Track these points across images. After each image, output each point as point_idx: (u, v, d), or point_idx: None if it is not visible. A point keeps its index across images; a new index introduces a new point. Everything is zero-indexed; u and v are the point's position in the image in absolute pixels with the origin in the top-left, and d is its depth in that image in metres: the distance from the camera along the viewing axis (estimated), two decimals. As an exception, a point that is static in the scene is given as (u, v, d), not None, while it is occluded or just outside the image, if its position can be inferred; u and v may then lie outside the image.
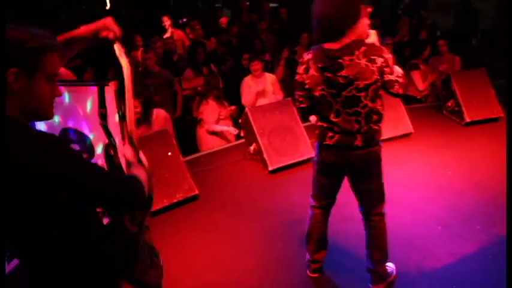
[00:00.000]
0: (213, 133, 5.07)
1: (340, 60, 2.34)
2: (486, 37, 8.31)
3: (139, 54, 6.33)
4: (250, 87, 5.32)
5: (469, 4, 8.61)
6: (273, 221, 3.58)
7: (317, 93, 2.47)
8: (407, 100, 5.79)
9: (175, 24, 8.20)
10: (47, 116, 1.32)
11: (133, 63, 5.95)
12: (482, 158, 4.35)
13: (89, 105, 3.02)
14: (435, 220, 3.47)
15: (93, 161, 2.52)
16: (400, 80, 2.40)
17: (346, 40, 2.33)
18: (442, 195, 3.86)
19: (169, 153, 3.87)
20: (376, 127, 2.49)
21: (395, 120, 4.94)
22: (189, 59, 6.47)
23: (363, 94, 2.38)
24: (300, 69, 2.51)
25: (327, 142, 2.54)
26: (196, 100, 5.42)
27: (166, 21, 7.51)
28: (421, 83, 5.92)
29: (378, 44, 2.45)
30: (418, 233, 3.31)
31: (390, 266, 2.87)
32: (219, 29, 8.08)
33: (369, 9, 2.52)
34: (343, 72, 2.35)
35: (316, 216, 2.83)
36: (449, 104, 5.36)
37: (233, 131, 5.03)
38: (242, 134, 4.90)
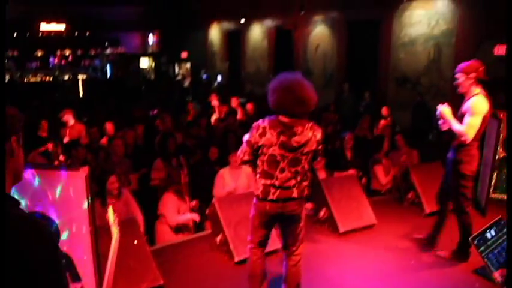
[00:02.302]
0: (178, 229, 4.99)
1: (294, 129, 3.07)
2: (441, 133, 8.81)
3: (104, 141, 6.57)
4: (224, 181, 5.40)
5: (424, 103, 9.24)
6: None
7: (269, 152, 3.10)
8: (371, 193, 6.00)
9: (145, 116, 8.46)
10: (22, 177, 1.52)
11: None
12: (444, 247, 4.46)
13: (58, 191, 3.05)
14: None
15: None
16: (322, 147, 3.27)
17: (299, 117, 3.09)
18: (407, 284, 3.89)
19: (136, 242, 3.84)
20: (305, 183, 3.21)
21: (358, 211, 5.07)
22: (159, 149, 6.61)
23: (304, 158, 3.11)
24: (255, 133, 3.14)
25: (271, 197, 3.14)
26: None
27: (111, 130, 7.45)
28: (383, 177, 6.17)
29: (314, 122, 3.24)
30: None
31: None
32: (189, 122, 8.35)
33: None
34: (296, 138, 3.06)
35: (257, 254, 3.37)
36: (410, 196, 5.58)
37: (196, 217, 5.02)
38: (208, 225, 4.92)
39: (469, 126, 3.88)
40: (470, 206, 4.17)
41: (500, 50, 7.75)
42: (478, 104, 3.91)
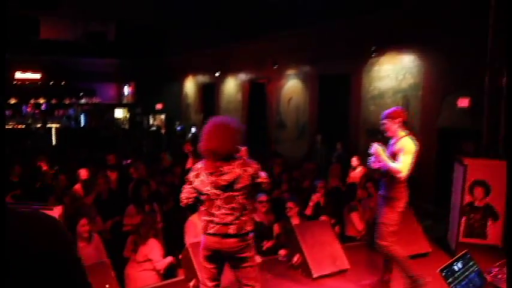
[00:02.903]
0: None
1: (221, 169, 3.25)
2: (410, 182, 9.06)
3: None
4: (196, 228, 5.37)
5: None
6: None
7: (204, 192, 3.29)
8: (345, 239, 6.04)
9: (119, 164, 8.44)
10: None
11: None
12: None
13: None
14: None
15: None
16: (266, 180, 3.43)
17: (227, 159, 3.27)
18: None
19: (107, 286, 3.77)
20: (244, 218, 3.32)
21: (331, 257, 5.09)
22: (132, 196, 6.57)
23: (238, 193, 3.27)
24: (192, 175, 3.39)
25: (209, 231, 3.30)
26: (130, 239, 5.35)
27: (112, 160, 7.72)
28: (359, 223, 6.24)
29: (246, 158, 3.44)
30: None
31: None
32: (164, 168, 8.34)
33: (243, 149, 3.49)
34: (224, 177, 3.24)
35: None
36: (382, 242, 5.63)
37: (173, 259, 5.00)
38: (181, 271, 4.86)
39: (404, 164, 4.13)
40: (394, 241, 4.33)
41: (462, 102, 8.14)
42: (409, 144, 4.20)
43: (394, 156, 4.23)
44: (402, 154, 4.15)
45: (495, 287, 4.35)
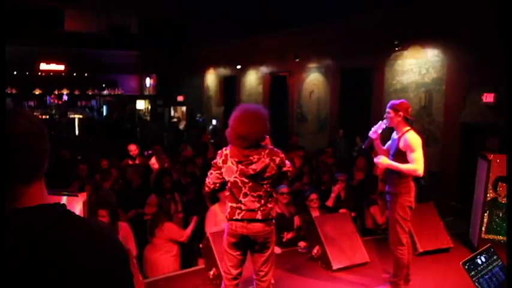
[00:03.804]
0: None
1: (250, 158, 3.23)
2: (433, 178, 8.99)
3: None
4: (216, 217, 5.42)
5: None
6: None
7: (231, 180, 3.28)
8: (365, 232, 6.02)
9: (141, 155, 8.53)
10: None
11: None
12: (436, 284, 4.47)
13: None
14: None
15: None
16: (291, 168, 3.46)
17: (256, 146, 3.26)
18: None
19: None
20: (270, 205, 3.35)
21: (351, 249, 5.09)
22: (154, 186, 6.64)
23: (265, 182, 3.27)
24: (219, 160, 3.35)
25: (236, 217, 3.30)
26: (148, 224, 5.45)
27: (135, 150, 7.82)
28: (379, 217, 6.20)
29: (273, 147, 3.40)
30: None
31: None
32: (185, 159, 8.40)
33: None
34: (253, 166, 3.23)
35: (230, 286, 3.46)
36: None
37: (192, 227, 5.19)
38: (201, 260, 4.92)
39: (417, 162, 4.06)
40: (407, 238, 4.30)
41: (488, 97, 8.00)
42: (414, 138, 4.13)
43: (399, 152, 4.17)
44: (411, 152, 4.07)
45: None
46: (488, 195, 5.52)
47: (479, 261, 3.35)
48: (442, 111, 9.04)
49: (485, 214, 5.55)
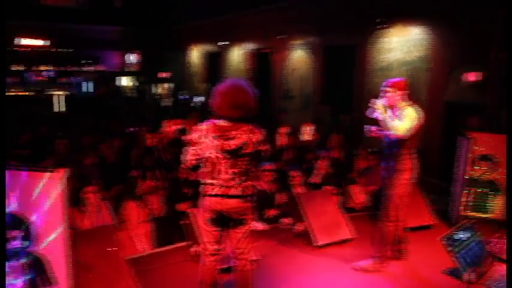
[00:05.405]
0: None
1: (228, 133, 3.22)
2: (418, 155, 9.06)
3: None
4: None
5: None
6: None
7: (208, 155, 3.24)
8: (347, 210, 6.06)
9: (123, 132, 8.45)
10: None
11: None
12: (419, 261, 4.53)
13: (36, 192, 3.02)
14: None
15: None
16: (268, 148, 3.51)
17: (236, 121, 3.24)
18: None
19: (111, 249, 3.81)
20: (247, 183, 3.32)
21: (335, 226, 5.13)
22: (136, 163, 6.59)
23: (241, 159, 3.25)
24: (195, 136, 3.30)
25: (210, 193, 3.29)
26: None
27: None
28: (358, 196, 6.25)
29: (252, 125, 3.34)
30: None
31: None
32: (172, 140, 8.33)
33: None
34: (230, 142, 3.21)
35: (209, 261, 3.44)
36: (384, 213, 5.65)
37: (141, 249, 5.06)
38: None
39: (402, 124, 4.05)
40: (399, 215, 4.37)
41: (470, 76, 8.02)
42: (411, 112, 4.14)
43: None
44: (403, 118, 4.09)
45: (494, 256, 4.39)
46: (468, 172, 5.59)
47: (456, 237, 3.42)
48: (426, 89, 9.07)
49: (464, 192, 5.63)
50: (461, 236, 3.60)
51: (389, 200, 4.31)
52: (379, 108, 4.23)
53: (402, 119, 4.08)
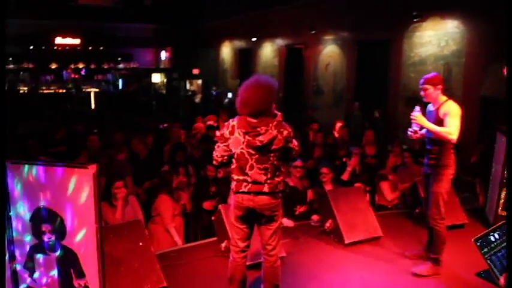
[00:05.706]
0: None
1: (258, 129, 3.19)
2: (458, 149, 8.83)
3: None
4: None
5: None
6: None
7: (238, 151, 3.25)
8: (377, 208, 5.98)
9: (155, 128, 8.55)
10: None
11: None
12: (450, 261, 4.42)
13: (70, 188, 3.08)
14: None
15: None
16: (296, 148, 3.39)
17: (262, 117, 3.20)
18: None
19: (141, 244, 3.87)
20: (278, 179, 3.31)
21: (364, 223, 5.06)
22: (168, 159, 6.67)
23: (272, 155, 3.22)
24: (225, 132, 3.32)
25: (242, 190, 3.28)
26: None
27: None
28: (389, 193, 6.12)
29: (281, 120, 3.31)
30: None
31: None
32: (203, 135, 8.35)
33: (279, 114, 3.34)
34: (260, 138, 3.19)
35: (238, 258, 3.45)
36: (418, 210, 5.55)
37: (179, 241, 5.11)
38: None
39: (453, 127, 3.97)
40: (445, 213, 4.21)
41: (507, 71, 7.76)
42: (454, 107, 4.06)
43: (439, 121, 4.07)
44: (450, 117, 3.99)
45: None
46: (506, 171, 5.40)
47: (492, 238, 3.29)
48: (461, 84, 8.83)
49: (503, 191, 5.44)
50: (497, 237, 3.46)
51: (438, 197, 4.15)
52: (420, 120, 4.12)
53: (448, 122, 3.99)
